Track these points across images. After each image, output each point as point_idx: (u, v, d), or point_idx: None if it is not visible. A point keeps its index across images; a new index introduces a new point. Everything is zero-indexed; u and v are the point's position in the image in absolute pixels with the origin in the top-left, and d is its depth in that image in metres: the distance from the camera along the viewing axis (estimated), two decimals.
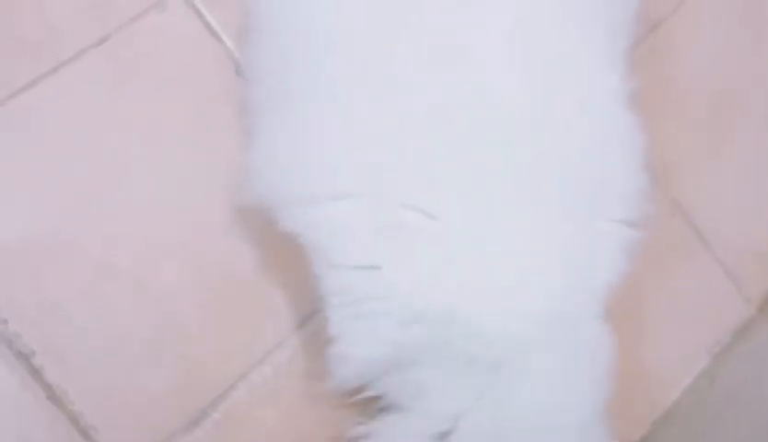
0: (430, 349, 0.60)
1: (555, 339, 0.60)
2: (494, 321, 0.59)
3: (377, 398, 0.64)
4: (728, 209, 0.87)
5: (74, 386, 0.64)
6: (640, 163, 0.65)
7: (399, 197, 0.59)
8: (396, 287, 0.59)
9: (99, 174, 0.68)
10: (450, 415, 0.60)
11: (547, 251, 0.60)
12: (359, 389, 0.64)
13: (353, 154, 0.60)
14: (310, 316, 0.71)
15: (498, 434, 0.59)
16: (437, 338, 0.59)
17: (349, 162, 0.60)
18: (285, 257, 0.69)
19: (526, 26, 0.62)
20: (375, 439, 0.63)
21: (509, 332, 0.59)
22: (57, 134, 0.68)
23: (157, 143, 0.70)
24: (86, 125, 0.69)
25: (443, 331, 0.59)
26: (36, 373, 0.63)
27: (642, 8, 0.70)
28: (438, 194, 0.59)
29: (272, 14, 0.65)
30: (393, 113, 0.60)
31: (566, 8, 0.64)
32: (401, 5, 0.61)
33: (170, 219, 0.69)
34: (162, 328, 0.67)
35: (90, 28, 0.70)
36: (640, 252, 0.65)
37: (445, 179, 0.59)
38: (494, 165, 0.60)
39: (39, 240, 0.66)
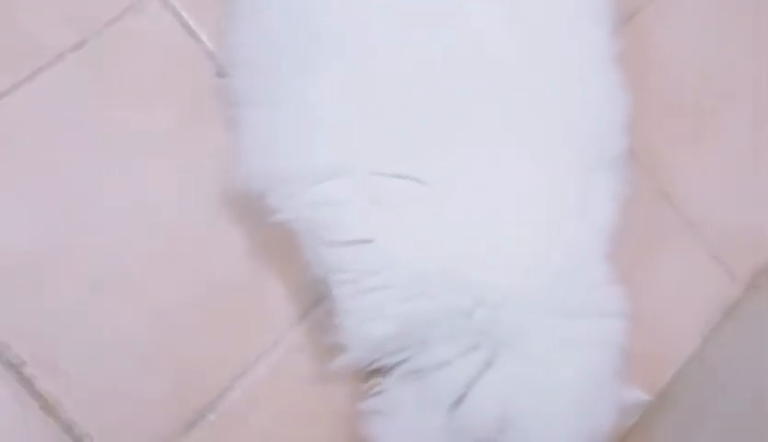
0: (437, 318, 0.59)
1: (562, 298, 0.60)
2: (497, 282, 0.58)
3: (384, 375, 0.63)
4: (713, 192, 0.88)
5: (66, 394, 0.64)
6: (625, 120, 0.66)
7: (388, 166, 0.59)
8: (395, 258, 0.58)
9: (83, 180, 0.68)
10: (461, 383, 0.59)
11: (544, 204, 0.60)
12: (370, 369, 0.63)
13: (340, 128, 0.60)
14: (305, 315, 0.71)
15: (509, 399, 0.59)
16: (443, 306, 0.58)
17: (336, 137, 0.60)
18: (277, 257, 0.70)
19: None
20: (388, 410, 0.62)
21: (513, 292, 0.59)
22: (37, 142, 0.67)
23: (139, 147, 0.70)
24: (66, 132, 0.68)
25: (447, 297, 0.58)
26: (27, 383, 0.63)
27: None
28: (430, 158, 0.59)
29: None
30: (377, 80, 0.59)
31: None
32: None
33: (159, 223, 0.69)
34: (155, 332, 0.67)
35: (67, 33, 0.69)
36: (627, 236, 0.64)
37: (433, 140, 0.59)
38: (482, 121, 0.60)
39: (27, 251, 0.65)
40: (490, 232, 0.59)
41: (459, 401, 0.59)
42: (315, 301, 0.71)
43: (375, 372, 0.63)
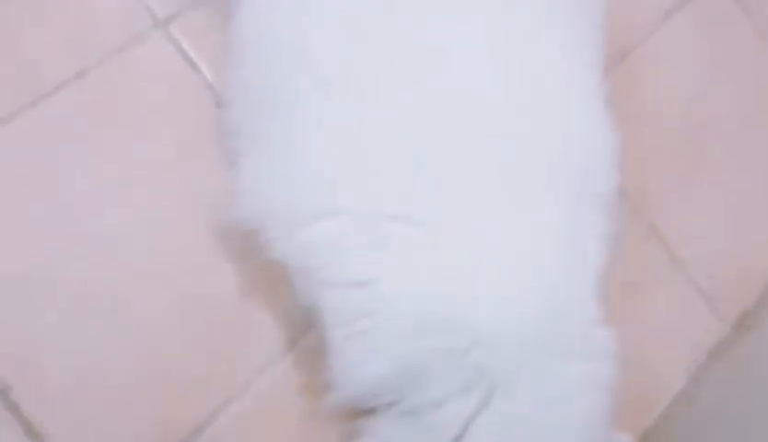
0: (434, 361, 0.59)
1: (555, 339, 0.60)
2: (491, 323, 0.59)
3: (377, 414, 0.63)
4: (702, 231, 0.88)
5: (52, 420, 0.64)
6: (615, 160, 0.66)
7: (385, 208, 0.59)
8: (392, 300, 0.59)
9: (79, 204, 0.69)
10: (457, 423, 0.59)
11: (537, 246, 0.61)
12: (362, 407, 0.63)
13: (335, 170, 0.61)
14: (293, 343, 0.71)
15: (505, 438, 0.59)
16: (437, 346, 0.59)
17: (332, 179, 0.60)
18: (267, 285, 0.70)
19: (500, 29, 0.63)
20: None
21: (508, 333, 0.59)
22: (36, 167, 0.68)
23: (137, 172, 0.71)
24: (65, 157, 0.69)
25: (442, 338, 0.58)
26: (13, 408, 0.63)
27: (611, 37, 0.71)
28: (423, 200, 0.60)
29: (251, 37, 0.65)
30: (372, 124, 0.60)
31: (539, 12, 0.65)
32: (374, 18, 0.62)
33: (152, 248, 0.69)
34: (142, 358, 0.67)
35: (69, 61, 0.71)
36: (615, 273, 0.65)
37: (428, 183, 0.60)
38: (476, 164, 0.60)
39: (17, 273, 0.66)
40: (482, 274, 0.59)
41: (458, 437, 0.59)
42: (303, 330, 0.71)
43: (367, 411, 0.63)
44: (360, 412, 0.64)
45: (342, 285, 0.60)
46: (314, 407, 0.68)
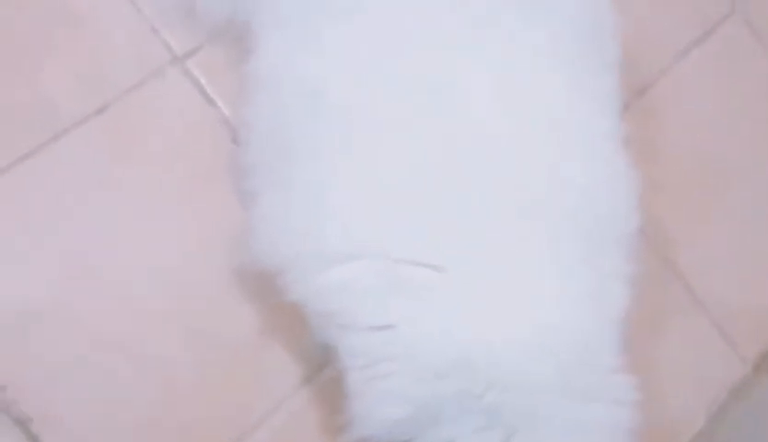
0: (452, 402, 0.58)
1: (574, 383, 0.59)
2: (511, 369, 0.58)
3: None
4: (721, 269, 0.88)
5: None
6: (635, 198, 0.66)
7: (404, 253, 0.59)
8: (412, 345, 0.58)
9: (97, 242, 0.69)
10: None
11: (557, 293, 0.60)
12: None
13: (352, 215, 0.60)
14: (308, 379, 0.72)
15: None
16: (458, 391, 0.58)
17: (349, 223, 0.60)
18: (282, 320, 0.70)
19: (515, 71, 0.62)
20: None
21: (527, 378, 0.58)
22: (55, 204, 0.69)
23: (154, 210, 0.71)
24: (83, 194, 0.70)
25: (462, 383, 0.58)
26: (34, 439, 0.64)
27: (629, 73, 0.71)
28: (443, 246, 0.59)
29: (267, 76, 0.65)
30: (389, 169, 0.60)
31: (553, 53, 0.64)
32: (390, 61, 0.61)
33: (168, 285, 0.70)
34: (157, 393, 0.68)
35: (88, 98, 0.72)
36: (635, 312, 0.65)
37: (448, 229, 0.59)
38: (494, 210, 0.60)
39: (37, 309, 0.66)
40: (505, 320, 0.59)
41: None
42: (319, 366, 0.71)
43: None
44: None
45: (360, 330, 0.60)
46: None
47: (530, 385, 0.59)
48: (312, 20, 0.64)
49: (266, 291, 0.64)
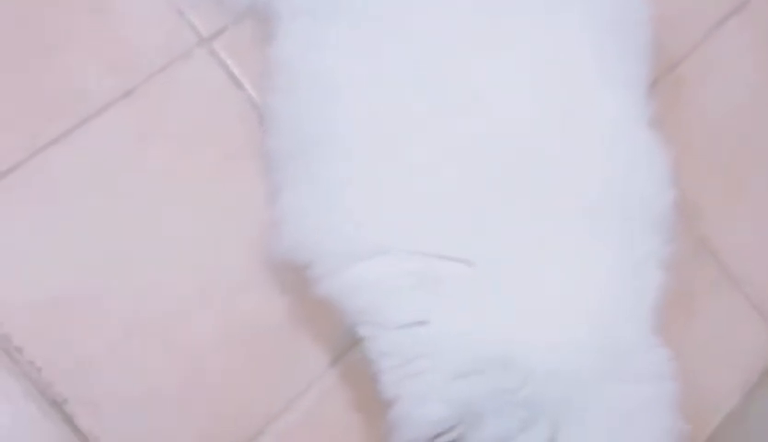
0: (491, 399, 0.59)
1: (613, 368, 0.59)
2: (546, 359, 0.58)
3: None
4: (756, 247, 0.87)
5: (105, 433, 0.65)
6: (667, 179, 0.65)
7: (433, 248, 0.59)
8: (445, 341, 0.58)
9: (126, 228, 0.70)
10: None
11: (590, 281, 0.60)
12: None
13: (382, 208, 0.60)
14: (338, 359, 0.72)
15: None
16: (494, 386, 0.58)
17: (378, 218, 0.60)
18: (311, 301, 0.69)
19: (541, 59, 0.62)
20: None
21: (564, 369, 0.58)
22: (83, 189, 0.69)
23: (183, 194, 0.71)
24: (112, 179, 0.70)
25: (498, 377, 0.58)
26: (69, 420, 0.65)
27: (660, 47, 0.70)
28: (471, 240, 0.59)
29: (287, 68, 0.65)
30: (418, 162, 0.60)
31: (582, 38, 0.64)
32: (416, 52, 0.61)
33: (198, 271, 0.70)
34: (187, 375, 0.68)
35: (116, 82, 0.72)
36: (669, 291, 0.64)
37: (476, 223, 0.59)
38: (523, 201, 0.60)
39: (70, 295, 0.67)
40: (538, 311, 0.59)
41: None
42: (348, 345, 0.71)
43: None
44: None
45: (390, 328, 0.60)
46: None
47: (570, 375, 0.58)
48: (328, 12, 0.63)
49: (295, 279, 0.65)
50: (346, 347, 0.71)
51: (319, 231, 0.62)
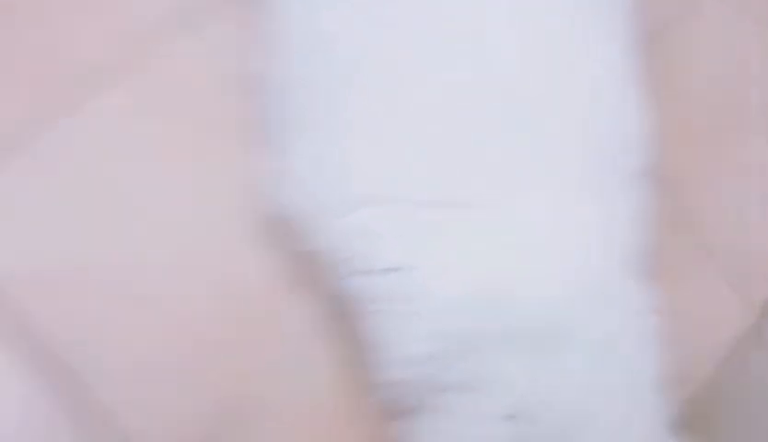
0: (478, 334, 0.61)
1: (600, 306, 0.62)
2: (533, 295, 0.60)
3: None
4: (731, 218, 0.87)
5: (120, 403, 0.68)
6: (646, 139, 0.67)
7: (421, 193, 0.61)
8: (434, 282, 0.61)
9: (126, 201, 0.71)
10: (512, 398, 0.61)
11: (575, 220, 0.62)
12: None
13: (371, 157, 0.62)
14: (329, 328, 0.73)
15: (557, 412, 0.61)
16: (483, 323, 0.60)
17: (368, 166, 0.62)
18: (301, 270, 0.72)
19: (530, 13, 0.64)
20: (444, 419, 0.64)
21: (552, 304, 0.61)
22: (84, 165, 0.71)
23: (180, 157, 0.73)
24: (110, 152, 0.72)
25: (487, 314, 0.60)
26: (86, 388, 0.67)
27: (648, 13, 0.71)
28: (459, 184, 0.61)
29: (284, 25, 0.67)
30: (407, 109, 0.62)
31: None
32: (406, 6, 0.63)
33: (197, 241, 0.72)
34: (189, 346, 0.70)
35: (121, 54, 0.73)
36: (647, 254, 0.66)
37: (464, 167, 0.61)
38: (507, 144, 0.62)
39: (66, 268, 0.69)
40: (524, 250, 0.61)
41: (512, 415, 0.61)
42: (341, 314, 0.72)
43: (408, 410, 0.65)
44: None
45: (381, 271, 0.62)
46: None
47: (550, 310, 0.61)
48: None
49: (287, 241, 0.67)
50: (339, 315, 0.72)
51: (315, 185, 0.64)
